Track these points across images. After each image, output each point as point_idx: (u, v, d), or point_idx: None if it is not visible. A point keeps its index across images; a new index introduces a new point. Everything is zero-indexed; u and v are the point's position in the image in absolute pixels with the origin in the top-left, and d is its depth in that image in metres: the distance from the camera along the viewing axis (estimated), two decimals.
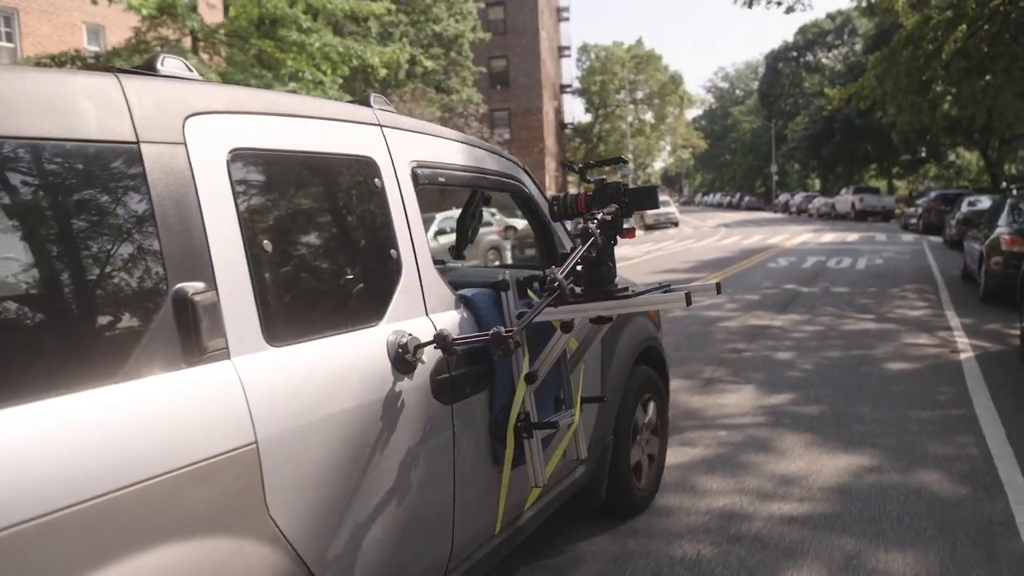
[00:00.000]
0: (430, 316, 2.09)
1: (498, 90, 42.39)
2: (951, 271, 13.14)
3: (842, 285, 11.71)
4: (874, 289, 11.15)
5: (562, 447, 2.53)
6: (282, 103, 1.85)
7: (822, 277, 12.90)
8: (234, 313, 1.54)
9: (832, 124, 41.45)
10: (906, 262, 15.23)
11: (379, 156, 2.06)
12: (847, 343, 7.16)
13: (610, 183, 2.33)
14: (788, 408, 5.06)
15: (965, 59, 14.62)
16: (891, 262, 15.25)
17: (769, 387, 5.60)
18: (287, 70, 13.62)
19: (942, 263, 14.76)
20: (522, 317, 2.09)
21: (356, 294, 1.96)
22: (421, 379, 1.96)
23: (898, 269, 13.92)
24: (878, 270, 13.84)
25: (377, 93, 2.28)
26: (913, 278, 12.46)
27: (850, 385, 5.61)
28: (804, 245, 20.80)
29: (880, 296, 10.41)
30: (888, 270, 13.81)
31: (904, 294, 10.59)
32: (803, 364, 6.35)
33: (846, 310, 9.25)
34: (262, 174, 1.74)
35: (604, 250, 2.18)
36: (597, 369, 2.99)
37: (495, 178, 2.68)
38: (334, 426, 1.70)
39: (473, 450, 2.17)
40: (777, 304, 9.76)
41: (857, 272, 13.57)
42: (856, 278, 12.64)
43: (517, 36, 42.06)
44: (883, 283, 11.86)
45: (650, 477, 3.50)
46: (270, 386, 1.57)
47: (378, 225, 2.02)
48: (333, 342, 1.78)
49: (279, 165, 1.79)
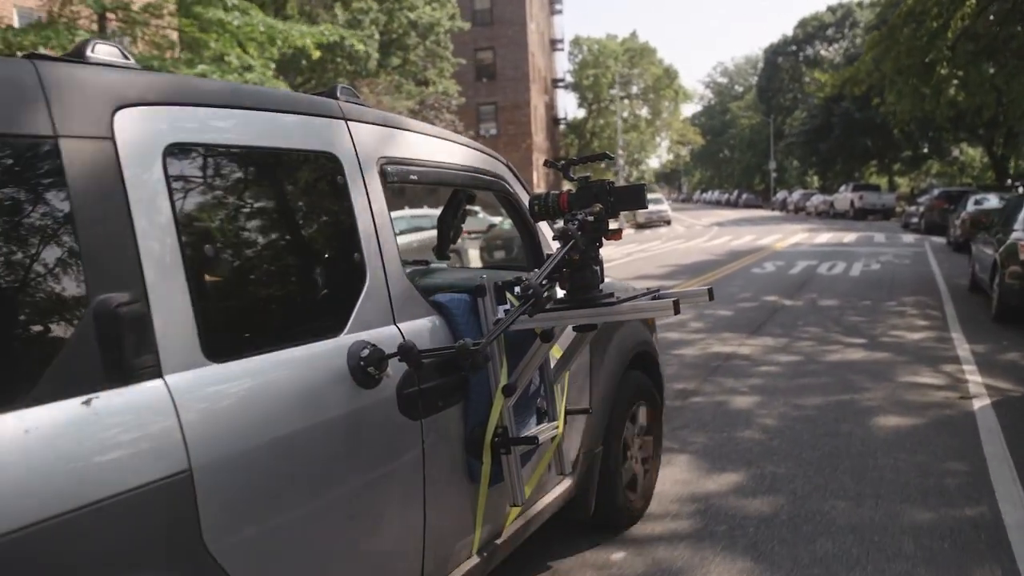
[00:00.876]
0: (398, 325, 1.96)
1: (484, 83, 40.87)
2: (957, 279, 11.60)
3: (831, 297, 10.17)
4: (868, 302, 9.61)
5: (545, 462, 2.44)
6: (231, 93, 1.72)
7: (810, 286, 11.36)
8: (167, 326, 1.40)
9: (831, 119, 39.83)
10: (906, 268, 13.68)
11: (343, 152, 1.92)
12: (828, 383, 5.64)
13: (594, 182, 2.16)
14: (729, 502, 3.53)
15: (973, 41, 13.01)
16: (889, 268, 13.70)
17: (711, 461, 4.07)
18: (210, 52, 12.10)
19: (946, 269, 13.21)
20: (498, 325, 1.87)
21: (314, 302, 1.85)
22: (386, 393, 1.83)
23: (897, 276, 12.37)
24: (874, 277, 12.30)
25: (345, 85, 2.13)
26: (913, 288, 10.92)
27: (824, 456, 4.08)
28: (796, 247, 19.28)
29: (874, 312, 8.88)
30: (885, 277, 12.26)
31: (903, 309, 9.06)
32: (765, 418, 4.82)
33: (832, 331, 7.72)
34: (205, 172, 1.61)
35: (588, 253, 2.04)
36: (585, 377, 2.83)
37: (475, 175, 2.52)
38: (285, 449, 1.57)
39: (446, 468, 2.04)
40: (751, 323, 8.24)
41: (850, 280, 12.03)
42: (848, 288, 11.09)
43: (504, 27, 40.50)
44: (879, 294, 10.32)
45: (643, 487, 3.36)
46: (208, 406, 1.45)
47: (340, 227, 1.90)
48: (286, 356, 1.64)
49: (226, 162, 1.66)
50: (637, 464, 3.28)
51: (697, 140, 66.75)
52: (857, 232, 24.59)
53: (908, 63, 13.56)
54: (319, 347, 1.72)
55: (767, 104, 59.27)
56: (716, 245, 20.88)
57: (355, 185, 1.92)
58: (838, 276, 12.61)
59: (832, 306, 9.37)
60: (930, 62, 13.60)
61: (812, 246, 19.40)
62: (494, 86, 40.81)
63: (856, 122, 38.34)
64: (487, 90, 40.78)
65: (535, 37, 43.96)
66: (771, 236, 23.77)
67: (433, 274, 2.72)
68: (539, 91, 45.30)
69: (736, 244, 21.01)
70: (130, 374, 1.33)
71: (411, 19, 27.61)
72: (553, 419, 2.38)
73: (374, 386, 1.78)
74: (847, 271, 13.26)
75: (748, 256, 16.87)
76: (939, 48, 12.98)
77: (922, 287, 11.01)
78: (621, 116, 58.06)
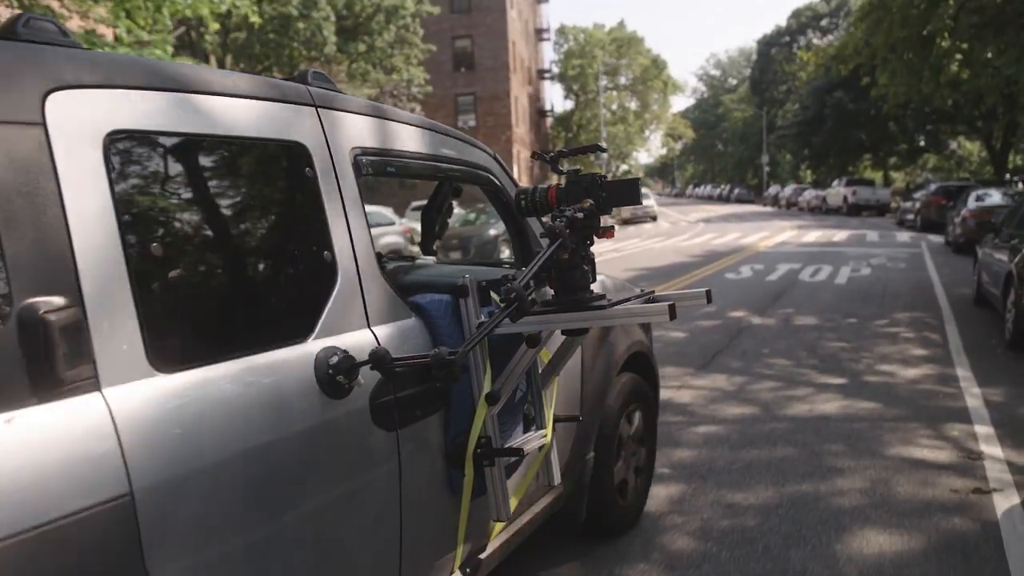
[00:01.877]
0: (373, 328, 1.80)
1: (462, 73, 39.15)
2: (959, 288, 9.97)
3: (810, 312, 8.52)
4: (853, 321, 7.96)
5: (532, 472, 2.30)
6: (185, 76, 1.54)
7: (788, 298, 9.72)
8: (107, 333, 1.27)
9: (823, 110, 38.09)
10: (900, 273, 12.04)
11: (312, 141, 1.75)
12: (786, 459, 3.99)
13: (584, 175, 2.02)
14: None
15: (978, 13, 11.31)
16: (881, 273, 12.06)
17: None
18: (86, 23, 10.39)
19: (946, 275, 11.58)
20: (479, 330, 1.74)
21: (277, 305, 1.69)
22: (358, 403, 1.68)
23: (889, 285, 10.73)
24: (864, 286, 10.65)
25: (316, 69, 1.98)
26: (909, 300, 9.28)
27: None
28: (782, 247, 17.65)
29: (860, 335, 7.23)
30: (876, 286, 10.62)
31: (895, 330, 7.42)
32: (675, 535, 3.16)
33: (805, 364, 6.07)
34: (153, 162, 1.46)
35: (578, 252, 1.92)
36: (576, 379, 2.69)
37: (459, 168, 2.35)
38: (243, 467, 1.43)
39: (425, 481, 1.91)
40: (704, 352, 6.58)
41: (835, 290, 10.38)
42: (832, 300, 9.45)
43: (482, 14, 38.75)
44: (867, 309, 8.68)
45: (636, 492, 3.19)
46: (154, 422, 1.31)
47: (308, 222, 1.74)
48: (244, 364, 1.49)
49: (178, 151, 1.49)
50: (630, 470, 3.14)
51: (688, 133, 65.08)
52: (849, 230, 22.99)
53: (903, 35, 11.78)
54: (283, 354, 1.57)
55: (760, 96, 58.03)
56: (695, 244, 19.25)
57: (325, 177, 1.76)
58: (822, 284, 10.96)
59: (809, 326, 7.71)
60: (928, 35, 11.85)
61: (798, 246, 17.77)
62: (473, 76, 39.05)
63: (849, 114, 36.59)
64: (465, 80, 39.04)
65: (516, 25, 42.21)
66: (757, 234, 22.17)
67: (416, 271, 2.45)
68: (521, 82, 43.56)
69: (717, 243, 19.38)
70: (62, 388, 1.20)
71: (375, 2, 25.83)
72: (541, 427, 2.23)
73: (344, 396, 1.63)
74: (833, 277, 11.61)
75: (727, 258, 15.24)
76: (940, 17, 11.22)
77: (919, 299, 9.37)
78: (608, 107, 56.36)
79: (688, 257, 15.71)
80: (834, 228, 24.09)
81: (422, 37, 29.41)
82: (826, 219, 30.21)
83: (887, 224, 26.21)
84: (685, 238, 21.66)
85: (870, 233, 21.50)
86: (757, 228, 25.17)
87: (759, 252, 16.40)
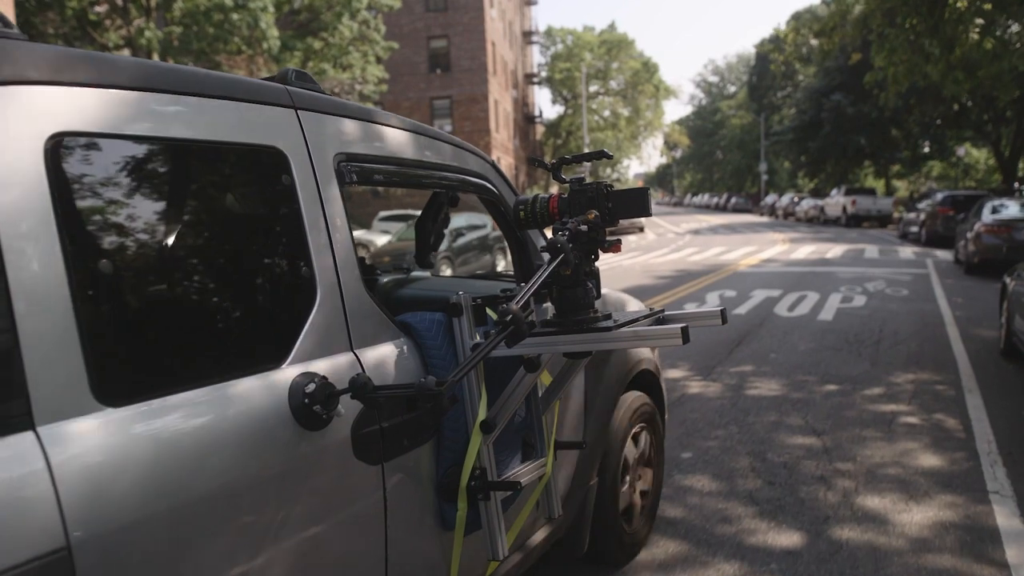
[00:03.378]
0: (356, 351, 1.65)
1: (438, 75, 36.95)
2: (979, 328, 7.64)
3: (775, 374, 6.15)
4: (833, 389, 5.59)
5: (531, 503, 2.14)
6: (146, 72, 1.39)
7: (752, 344, 7.36)
8: (43, 362, 1.12)
9: (820, 114, 35.70)
10: (902, 304, 9.67)
11: (290, 146, 1.60)
12: None
13: (589, 184, 1.88)
14: None
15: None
16: (878, 304, 9.70)
17: None
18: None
19: (960, 306, 9.23)
20: (472, 354, 1.61)
21: (247, 327, 1.51)
22: (338, 436, 1.53)
23: (888, 323, 8.36)
24: (855, 324, 8.29)
25: (296, 68, 1.80)
26: (913, 350, 6.92)
27: None
28: (765, 266, 15.31)
29: (840, 419, 4.87)
30: (871, 325, 8.26)
31: (893, 410, 5.05)
32: None
33: (737, 492, 3.71)
34: (105, 169, 1.29)
35: (581, 267, 1.78)
36: (580, 401, 2.53)
37: (454, 176, 2.19)
38: (205, 510, 1.28)
39: (414, 516, 1.76)
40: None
41: (817, 330, 8.02)
42: (809, 349, 7.09)
43: (459, 13, 36.58)
44: (855, 365, 6.32)
45: (642, 518, 3.03)
46: (98, 463, 1.15)
47: (284, 235, 1.60)
48: (207, 395, 1.34)
49: (134, 157, 1.34)
50: (635, 494, 2.95)
51: (683, 141, 62.80)
52: (846, 244, 20.67)
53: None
54: (252, 383, 1.42)
55: (759, 103, 56.02)
56: (669, 262, 16.90)
57: (305, 186, 1.61)
58: (801, 322, 8.61)
59: (768, 400, 5.34)
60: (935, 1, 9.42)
61: (785, 264, 15.42)
62: (449, 78, 36.83)
63: (848, 117, 34.15)
64: (441, 82, 36.82)
65: (497, 25, 40.05)
66: (743, 248, 19.86)
67: (407, 286, 2.32)
68: (503, 85, 41.36)
69: (695, 260, 17.05)
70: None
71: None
72: (541, 455, 2.08)
73: (322, 427, 1.49)
74: (817, 311, 9.25)
75: (698, 280, 12.89)
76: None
77: (927, 347, 7.01)
78: (600, 114, 54.06)
79: (655, 279, 13.36)
80: (829, 242, 21.77)
81: (394, 35, 27.16)
82: (823, 231, 27.91)
83: (889, 237, 23.90)
84: (662, 253, 19.32)
85: (869, 248, 19.16)
86: (745, 241, 22.87)
87: (737, 272, 14.05)
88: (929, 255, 17.11)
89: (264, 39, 20.51)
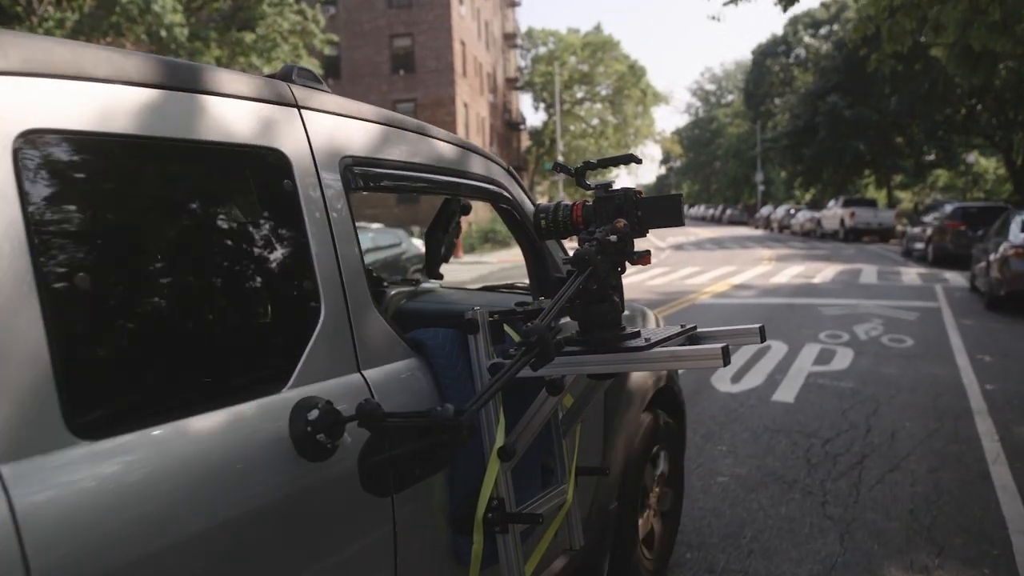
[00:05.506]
0: (364, 372, 1.51)
1: (401, 76, 34.15)
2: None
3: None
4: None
5: (551, 533, 1.95)
6: (130, 64, 1.23)
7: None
8: (7, 389, 0.98)
9: (815, 117, 32.72)
10: (904, 367, 6.67)
11: (293, 148, 1.47)
12: None
13: (616, 191, 1.74)
14: None
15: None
16: (870, 366, 6.71)
17: None
18: None
19: (990, 372, 6.22)
20: (494, 372, 1.45)
21: (244, 347, 1.36)
22: (343, 467, 1.38)
23: (881, 412, 5.36)
24: (828, 413, 5.30)
25: (301, 66, 1.62)
26: (925, 494, 3.91)
27: None
28: (735, 294, 12.37)
29: None
30: (855, 416, 5.26)
31: None
32: None
33: None
34: (83, 172, 1.16)
35: (607, 281, 1.62)
36: (599, 424, 2.35)
37: (467, 182, 2.05)
38: (195, 556, 1.13)
39: (426, 551, 1.62)
40: None
41: (766, 424, 5.02)
42: (737, 476, 4.08)
43: (424, 10, 33.82)
44: (814, 536, 3.34)
45: (663, 544, 2.86)
46: (72, 505, 1.00)
47: (285, 245, 1.44)
48: (199, 423, 1.19)
49: (117, 158, 1.20)
50: (656, 517, 2.81)
51: (676, 150, 60.00)
52: (840, 264, 17.73)
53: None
54: (249, 409, 1.27)
55: (755, 110, 53.30)
56: (627, 286, 13.94)
57: (308, 191, 1.48)
58: (747, 403, 5.62)
59: None
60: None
61: (760, 292, 12.46)
62: (413, 79, 34.03)
63: (845, 121, 31.13)
64: (405, 84, 34.02)
65: (468, 24, 37.30)
66: (720, 269, 16.96)
67: (417, 299, 2.21)
68: (476, 88, 38.58)
69: (656, 284, 14.13)
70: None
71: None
72: (562, 481, 1.92)
73: (326, 458, 1.34)
74: (776, 380, 6.25)
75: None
76: None
77: (948, 481, 4.00)
78: (588, 121, 51.25)
79: None
80: (822, 260, 18.84)
81: (353, 34, 24.37)
82: (818, 247, 24.99)
83: (891, 254, 20.95)
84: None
85: (866, 269, 16.20)
86: (727, 259, 19.96)
87: (696, 304, 11.10)
88: (938, 278, 14.15)
89: (162, 25, 17.68)
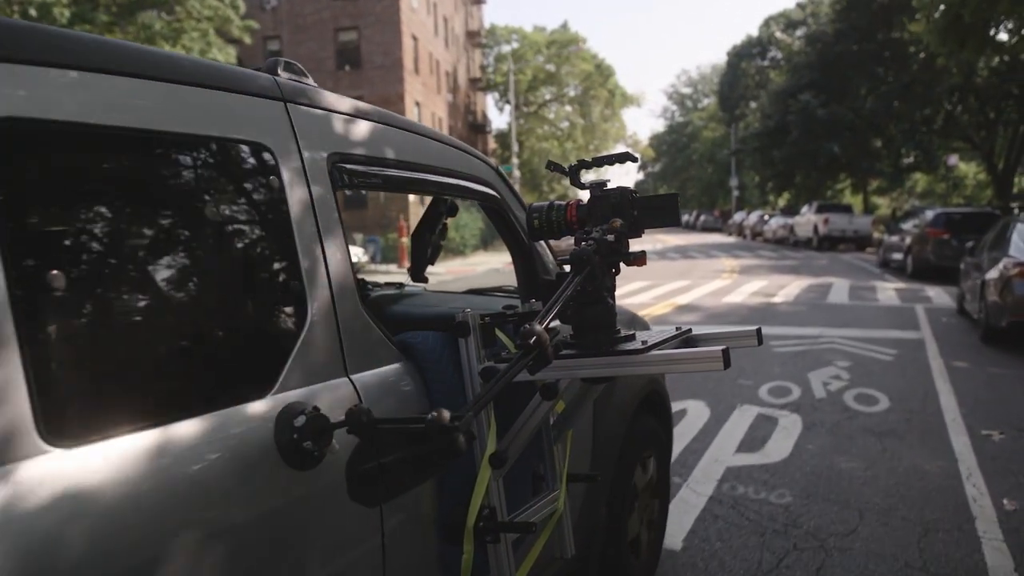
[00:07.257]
0: (351, 376, 1.47)
1: (347, 72, 31.83)
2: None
3: None
4: None
5: (541, 541, 1.87)
6: (112, 52, 1.19)
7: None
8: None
9: (787, 117, 30.70)
10: (876, 458, 4.43)
11: (278, 143, 1.42)
12: None
13: (612, 190, 1.71)
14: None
15: None
16: (821, 449, 4.45)
17: None
18: None
19: (1002, 463, 3.97)
20: (488, 379, 1.52)
21: (227, 352, 1.33)
22: (331, 476, 1.34)
23: (833, 555, 3.11)
24: (737, 570, 3.07)
25: (287, 59, 1.58)
26: None
27: None
28: (674, 319, 10.16)
29: None
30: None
31: None
32: None
33: None
34: (59, 166, 1.13)
35: (602, 282, 1.59)
36: (588, 430, 2.33)
37: (455, 182, 2.01)
38: (176, 567, 1.10)
39: (414, 561, 1.59)
40: None
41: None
42: None
43: (370, 2, 31.55)
44: None
45: (650, 549, 2.84)
46: (44, 517, 0.96)
47: (269, 244, 1.42)
48: (180, 431, 1.14)
49: (96, 150, 1.15)
50: (643, 524, 2.76)
51: (648, 154, 58.06)
52: (809, 276, 15.63)
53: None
54: (233, 415, 1.22)
55: (730, 113, 51.52)
56: None
57: (294, 188, 1.43)
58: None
59: None
60: None
61: (706, 316, 10.26)
62: (359, 76, 31.71)
63: (818, 121, 29.16)
64: (351, 80, 31.65)
65: (421, 18, 35.05)
66: (671, 284, 14.80)
67: (403, 302, 2.17)
68: (431, 87, 36.32)
69: None
70: None
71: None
72: (553, 488, 1.89)
73: (313, 466, 1.30)
74: (669, 508, 4.01)
75: None
76: None
77: None
78: (558, 124, 49.19)
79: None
80: (789, 273, 16.74)
81: (296, 26, 22.06)
82: (789, 256, 22.97)
83: (866, 265, 18.90)
84: None
85: (837, 284, 14.08)
86: (684, 272, 17.80)
87: None
88: (919, 296, 12.05)
89: (32, 4, 15.28)
